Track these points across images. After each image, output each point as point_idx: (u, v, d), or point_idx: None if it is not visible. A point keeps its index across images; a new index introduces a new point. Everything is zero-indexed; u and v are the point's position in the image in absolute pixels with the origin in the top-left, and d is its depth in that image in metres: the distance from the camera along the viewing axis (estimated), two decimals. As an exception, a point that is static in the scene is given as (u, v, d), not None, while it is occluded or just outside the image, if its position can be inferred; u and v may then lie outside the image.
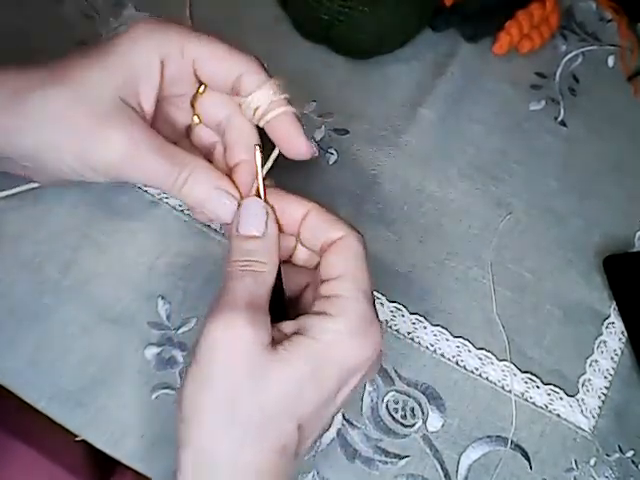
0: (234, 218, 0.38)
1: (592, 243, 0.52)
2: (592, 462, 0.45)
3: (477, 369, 0.46)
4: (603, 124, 0.58)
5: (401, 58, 0.57)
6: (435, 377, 0.46)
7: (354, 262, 0.36)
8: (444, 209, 0.52)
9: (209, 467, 0.33)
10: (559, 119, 0.57)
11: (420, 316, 0.47)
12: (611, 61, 0.61)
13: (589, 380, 0.47)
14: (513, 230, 0.52)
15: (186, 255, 0.46)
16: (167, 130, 0.42)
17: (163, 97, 0.41)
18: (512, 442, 0.44)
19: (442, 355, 0.46)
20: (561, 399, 0.46)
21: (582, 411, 0.46)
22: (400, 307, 0.47)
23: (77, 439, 0.41)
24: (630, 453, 0.45)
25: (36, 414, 0.41)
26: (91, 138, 0.37)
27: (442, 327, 0.47)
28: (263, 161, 0.39)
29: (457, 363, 0.46)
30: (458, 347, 0.47)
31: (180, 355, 0.44)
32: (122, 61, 0.38)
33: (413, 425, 0.44)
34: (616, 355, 0.48)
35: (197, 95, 0.42)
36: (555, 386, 0.46)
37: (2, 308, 0.43)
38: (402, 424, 0.44)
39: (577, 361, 0.48)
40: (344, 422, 0.43)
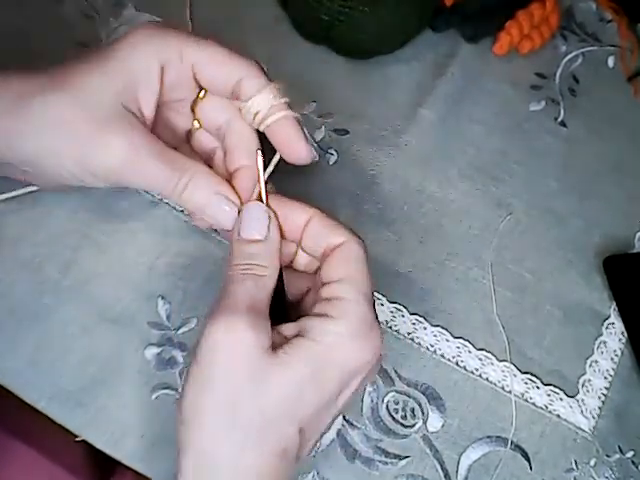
0: (236, 222, 0.38)
1: (592, 244, 0.52)
2: (592, 463, 0.45)
3: (477, 370, 0.46)
4: (603, 124, 0.58)
5: (401, 58, 0.57)
6: (435, 377, 0.46)
7: (355, 265, 0.36)
8: (444, 209, 0.52)
9: (210, 469, 0.33)
10: (559, 119, 0.57)
11: (420, 316, 0.47)
12: (611, 62, 0.61)
13: (589, 381, 0.47)
14: (513, 230, 0.52)
15: (186, 255, 0.46)
16: (167, 135, 0.42)
17: (163, 102, 0.41)
18: (512, 442, 0.44)
19: (442, 356, 0.46)
20: (561, 400, 0.46)
21: (582, 412, 0.46)
22: (400, 307, 0.47)
23: (77, 439, 0.41)
24: (630, 454, 0.45)
25: (36, 414, 0.41)
26: (91, 143, 0.37)
27: (442, 328, 0.47)
28: (264, 166, 0.39)
29: (457, 364, 0.46)
30: (458, 348, 0.47)
31: (180, 355, 0.44)
32: (122, 67, 0.38)
33: (413, 425, 0.44)
34: (616, 356, 0.48)
35: (197, 100, 0.42)
36: (555, 387, 0.46)
37: (2, 308, 0.43)
38: (402, 424, 0.44)
39: (577, 362, 0.48)
40: (344, 422, 0.43)
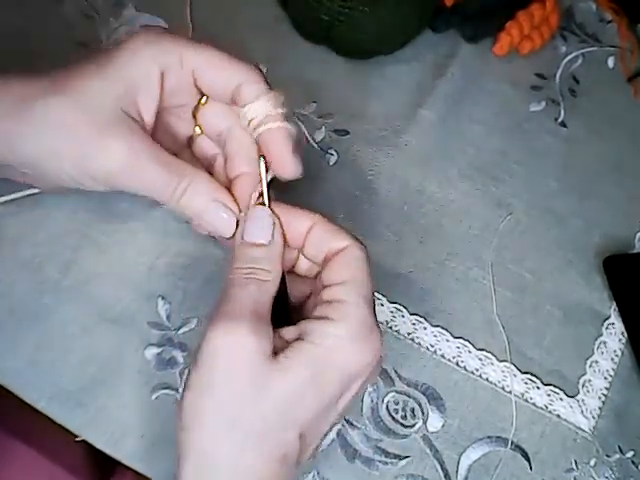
0: (239, 225, 0.38)
1: (592, 244, 0.52)
2: (592, 463, 0.45)
3: (477, 370, 0.46)
4: (603, 125, 0.58)
5: (401, 59, 0.57)
6: (435, 378, 0.46)
7: (357, 269, 0.36)
8: (444, 210, 0.52)
9: (210, 474, 0.33)
10: (559, 120, 0.58)
11: (420, 317, 0.47)
12: (611, 62, 0.62)
13: (589, 381, 0.47)
14: (513, 231, 0.52)
15: (186, 255, 0.46)
16: (168, 141, 0.42)
17: (164, 108, 0.41)
18: (512, 443, 0.44)
19: (442, 356, 0.46)
20: (561, 400, 0.46)
21: (582, 412, 0.46)
22: (400, 308, 0.47)
23: (77, 439, 0.41)
24: (630, 454, 0.45)
25: (36, 414, 0.41)
26: (91, 147, 0.37)
27: (442, 328, 0.47)
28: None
29: (457, 364, 0.46)
30: (458, 348, 0.47)
31: (180, 355, 0.44)
32: (122, 72, 0.38)
33: (413, 425, 0.44)
34: (616, 356, 0.48)
35: (199, 106, 0.42)
36: (555, 387, 0.46)
37: (2, 308, 0.43)
38: (402, 424, 0.44)
39: (577, 362, 0.48)
40: (344, 422, 0.43)
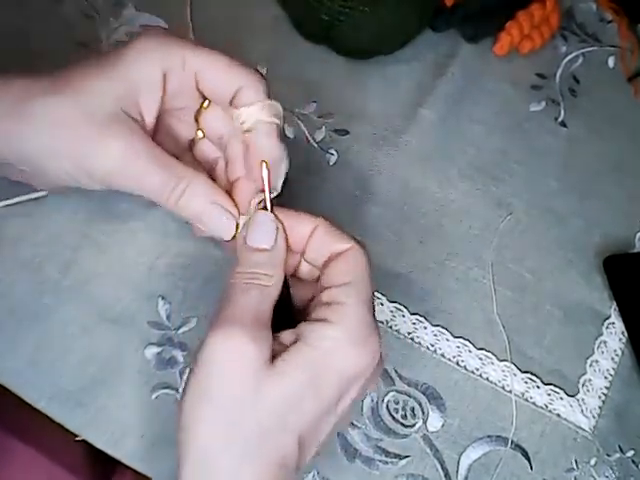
0: (242, 229, 0.38)
1: (592, 243, 0.52)
2: (592, 462, 0.45)
3: (477, 369, 0.46)
4: (603, 125, 0.58)
5: (401, 58, 0.57)
6: (435, 377, 0.46)
7: (357, 271, 0.36)
8: (444, 209, 0.52)
9: (209, 474, 0.33)
10: (559, 120, 0.57)
11: (420, 316, 0.47)
12: (611, 62, 0.61)
13: (589, 380, 0.47)
14: (513, 230, 0.52)
15: (186, 255, 0.46)
16: (169, 143, 0.42)
17: (165, 110, 0.41)
18: (512, 442, 0.44)
19: (442, 355, 0.46)
20: (561, 399, 0.46)
21: (582, 411, 0.46)
22: (400, 307, 0.47)
23: (77, 439, 0.41)
24: (630, 453, 0.45)
25: (36, 413, 0.41)
26: (90, 146, 0.37)
27: (442, 327, 0.47)
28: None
29: (457, 363, 0.46)
30: (458, 347, 0.47)
31: (180, 355, 0.44)
32: (125, 73, 0.38)
33: (413, 425, 0.44)
34: (616, 355, 0.48)
35: (201, 110, 0.42)
36: (555, 386, 0.46)
37: (2, 308, 0.43)
38: (402, 424, 0.44)
39: (577, 361, 0.48)
40: (344, 422, 0.43)
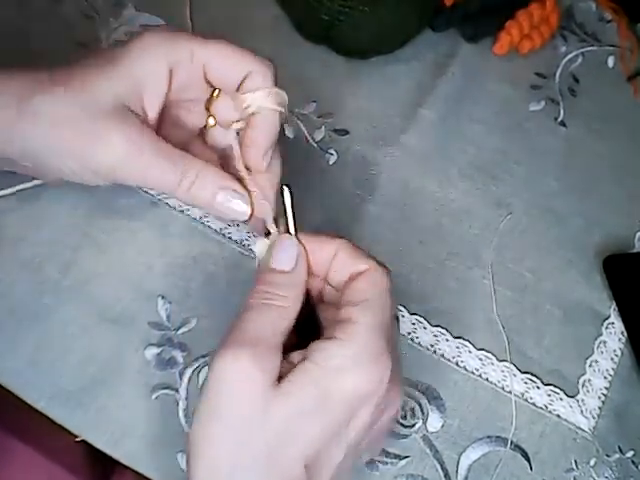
0: (264, 251, 0.38)
1: (592, 243, 0.52)
2: (592, 462, 0.45)
3: (477, 369, 0.46)
4: (603, 124, 0.58)
5: (401, 58, 0.57)
6: (435, 377, 0.46)
7: (375, 292, 0.35)
8: (444, 209, 0.52)
9: None
10: (559, 119, 0.57)
11: (420, 316, 0.47)
12: (611, 61, 0.61)
13: (589, 380, 0.47)
14: (513, 230, 0.52)
15: (186, 255, 0.46)
16: (177, 132, 0.42)
17: (174, 101, 0.41)
18: (512, 442, 0.44)
19: (442, 355, 0.46)
20: (561, 399, 0.46)
21: (582, 411, 0.46)
22: (400, 308, 0.47)
23: (77, 439, 0.41)
24: (630, 453, 0.45)
25: (35, 413, 0.41)
26: (92, 142, 0.38)
27: (442, 327, 0.47)
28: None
29: (457, 364, 0.46)
30: (458, 348, 0.47)
31: (180, 355, 0.44)
32: (128, 69, 0.38)
33: (413, 425, 0.44)
34: (616, 355, 0.48)
35: (212, 99, 0.42)
36: (555, 386, 0.46)
37: (2, 308, 0.43)
38: (402, 424, 0.44)
39: (577, 361, 0.48)
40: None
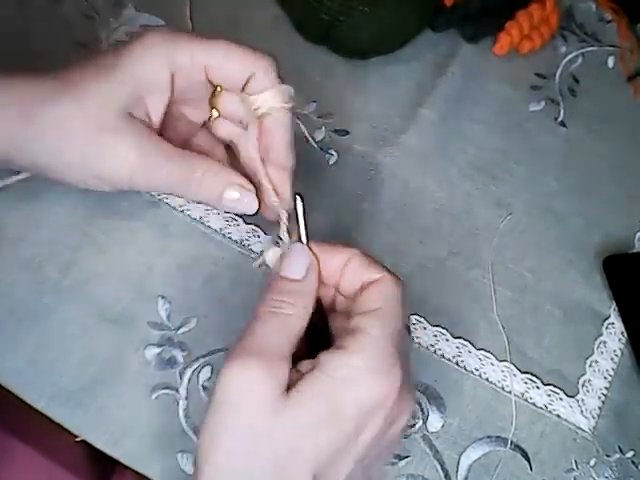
0: (277, 259, 0.38)
1: (592, 243, 0.52)
2: (592, 462, 0.45)
3: (477, 369, 0.46)
4: (603, 124, 0.58)
5: (401, 58, 0.57)
6: (435, 377, 0.46)
7: (387, 301, 0.35)
8: (444, 209, 0.52)
9: None
10: (559, 119, 0.57)
11: (420, 316, 0.47)
12: (611, 62, 0.61)
13: (589, 380, 0.47)
14: (513, 230, 0.52)
15: (186, 255, 0.46)
16: (182, 126, 0.43)
17: (177, 100, 0.41)
18: (512, 442, 0.44)
19: (442, 355, 0.46)
20: (561, 399, 0.46)
21: (582, 411, 0.46)
22: (400, 307, 0.47)
23: (77, 439, 0.41)
24: (630, 453, 0.45)
25: (36, 413, 0.41)
26: (99, 151, 0.38)
27: (442, 327, 0.47)
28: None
29: (457, 363, 0.46)
30: (458, 347, 0.47)
31: (180, 355, 0.44)
32: (130, 77, 0.38)
33: (413, 425, 0.44)
34: (616, 355, 0.48)
35: (215, 94, 0.42)
36: (555, 386, 0.46)
37: (2, 308, 0.43)
38: (402, 424, 0.44)
39: (577, 361, 0.48)
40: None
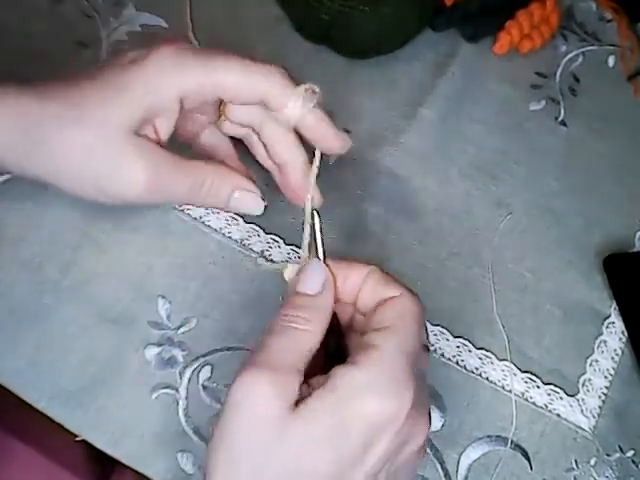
0: (295, 275, 0.38)
1: (592, 243, 0.52)
2: (592, 462, 0.45)
3: (477, 369, 0.46)
4: (603, 124, 0.58)
5: (401, 58, 0.57)
6: (435, 377, 0.46)
7: (403, 319, 0.35)
8: (444, 209, 0.52)
9: None
10: (559, 119, 0.57)
11: (420, 316, 0.47)
12: (611, 61, 0.61)
13: (589, 380, 0.47)
14: (513, 230, 0.52)
15: (186, 255, 0.46)
16: (189, 125, 0.43)
17: (185, 113, 0.42)
18: (512, 442, 0.44)
19: (442, 355, 0.46)
20: (561, 399, 0.46)
21: (582, 411, 0.46)
22: (400, 307, 0.47)
23: (77, 439, 0.41)
24: (630, 453, 0.45)
25: (36, 413, 0.41)
26: (110, 172, 0.39)
27: (442, 327, 0.47)
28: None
29: (457, 363, 0.46)
30: (458, 347, 0.47)
31: (180, 355, 0.44)
32: (140, 103, 0.39)
33: (413, 425, 0.44)
34: (616, 355, 0.48)
35: (224, 102, 0.42)
36: (555, 386, 0.46)
37: (2, 308, 0.43)
38: (402, 424, 0.44)
39: (577, 361, 0.48)
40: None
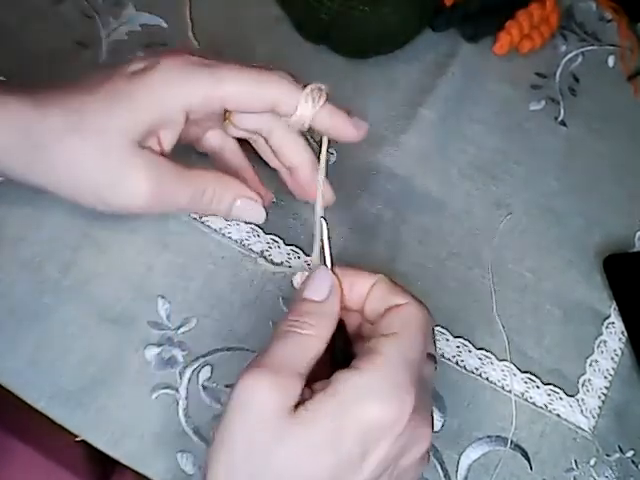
0: (303, 281, 0.38)
1: (592, 243, 0.52)
2: (592, 462, 0.45)
3: (477, 369, 0.46)
4: (603, 124, 0.58)
5: (401, 58, 0.57)
6: (435, 377, 0.45)
7: (408, 327, 0.35)
8: (444, 209, 0.52)
9: None
10: (559, 119, 0.57)
11: (420, 316, 0.47)
12: (611, 61, 0.61)
13: (589, 380, 0.47)
14: (513, 230, 0.52)
15: (186, 255, 0.46)
16: (194, 129, 0.44)
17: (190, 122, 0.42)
18: (512, 442, 0.44)
19: (442, 355, 0.46)
20: (561, 399, 0.46)
21: (582, 411, 0.46)
22: (400, 307, 0.47)
23: (77, 439, 0.41)
24: (630, 453, 0.45)
25: (35, 414, 0.41)
26: (113, 184, 0.39)
27: (442, 327, 0.47)
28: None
29: (457, 363, 0.46)
30: (458, 347, 0.47)
31: (180, 355, 0.44)
32: (145, 116, 0.39)
33: (413, 425, 0.44)
34: (616, 355, 0.48)
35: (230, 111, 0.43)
36: (555, 386, 0.46)
37: (2, 308, 0.43)
38: (402, 424, 0.44)
39: (577, 361, 0.48)
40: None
